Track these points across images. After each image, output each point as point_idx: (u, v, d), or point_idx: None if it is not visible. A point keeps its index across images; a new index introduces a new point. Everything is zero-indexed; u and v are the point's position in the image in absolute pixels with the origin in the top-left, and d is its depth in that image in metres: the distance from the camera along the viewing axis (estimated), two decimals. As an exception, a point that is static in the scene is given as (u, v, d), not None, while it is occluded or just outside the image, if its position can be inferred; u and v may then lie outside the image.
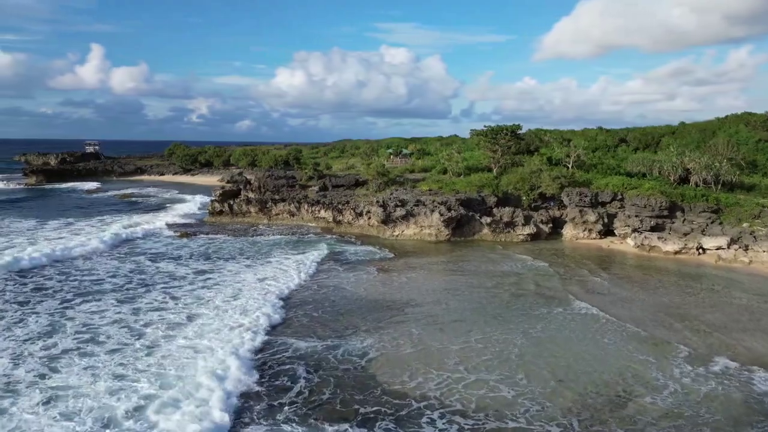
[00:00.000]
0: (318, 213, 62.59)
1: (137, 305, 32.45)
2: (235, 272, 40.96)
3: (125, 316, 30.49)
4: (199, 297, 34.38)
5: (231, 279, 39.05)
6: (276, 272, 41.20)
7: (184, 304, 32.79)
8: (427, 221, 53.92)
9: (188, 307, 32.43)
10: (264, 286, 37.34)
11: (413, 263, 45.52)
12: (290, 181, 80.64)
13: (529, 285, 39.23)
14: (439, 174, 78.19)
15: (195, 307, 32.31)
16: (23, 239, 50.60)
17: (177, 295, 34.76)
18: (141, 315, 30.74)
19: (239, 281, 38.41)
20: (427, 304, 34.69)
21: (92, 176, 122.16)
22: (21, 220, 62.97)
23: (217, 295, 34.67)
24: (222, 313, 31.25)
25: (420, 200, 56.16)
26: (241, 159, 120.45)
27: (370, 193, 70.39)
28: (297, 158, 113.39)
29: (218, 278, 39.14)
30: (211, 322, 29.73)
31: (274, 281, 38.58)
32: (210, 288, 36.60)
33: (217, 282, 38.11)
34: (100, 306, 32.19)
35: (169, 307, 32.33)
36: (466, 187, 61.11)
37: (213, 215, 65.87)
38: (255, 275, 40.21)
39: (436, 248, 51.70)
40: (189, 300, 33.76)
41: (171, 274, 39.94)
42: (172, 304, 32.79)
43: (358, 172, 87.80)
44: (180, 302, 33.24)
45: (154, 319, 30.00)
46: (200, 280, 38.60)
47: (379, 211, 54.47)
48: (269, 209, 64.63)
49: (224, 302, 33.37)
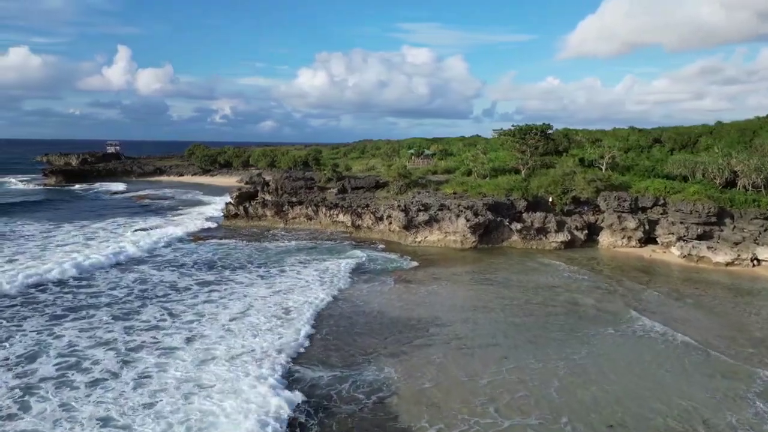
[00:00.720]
0: (336, 217, 59.03)
1: (132, 323, 29.13)
2: (245, 284, 37.50)
3: (117, 335, 27.20)
4: (200, 314, 30.90)
5: (240, 291, 35.61)
6: (288, 284, 37.69)
7: (182, 323, 29.34)
8: (452, 227, 49.95)
9: (188, 326, 29.00)
10: (275, 300, 33.81)
11: (437, 273, 41.63)
12: (308, 182, 77.29)
13: (567, 300, 35.09)
14: (463, 176, 74.13)
15: (197, 325, 28.89)
16: (33, 245, 47.90)
17: (177, 310, 31.36)
18: (134, 335, 27.39)
19: (248, 294, 34.93)
20: (453, 322, 30.80)
21: (112, 177, 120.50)
22: (33, 222, 60.56)
23: (222, 312, 31.17)
24: (226, 334, 27.76)
25: (444, 204, 52.22)
26: (260, 160, 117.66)
27: (391, 196, 66.64)
28: (316, 159, 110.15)
29: (225, 291, 35.72)
30: (213, 348, 26.24)
31: (285, 295, 35.04)
32: (215, 302, 33.15)
33: (224, 295, 34.66)
34: (91, 323, 28.94)
35: (166, 325, 28.95)
36: (493, 190, 56.98)
37: (228, 218, 62.75)
38: (265, 287, 36.75)
39: (462, 256, 47.71)
40: (190, 316, 30.36)
41: (174, 285, 36.63)
42: (169, 323, 29.40)
43: (378, 174, 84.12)
44: (178, 320, 29.82)
45: (147, 342, 26.59)
46: (205, 292, 35.19)
47: (400, 215, 50.67)
48: (285, 213, 61.27)
49: (230, 320, 29.89)
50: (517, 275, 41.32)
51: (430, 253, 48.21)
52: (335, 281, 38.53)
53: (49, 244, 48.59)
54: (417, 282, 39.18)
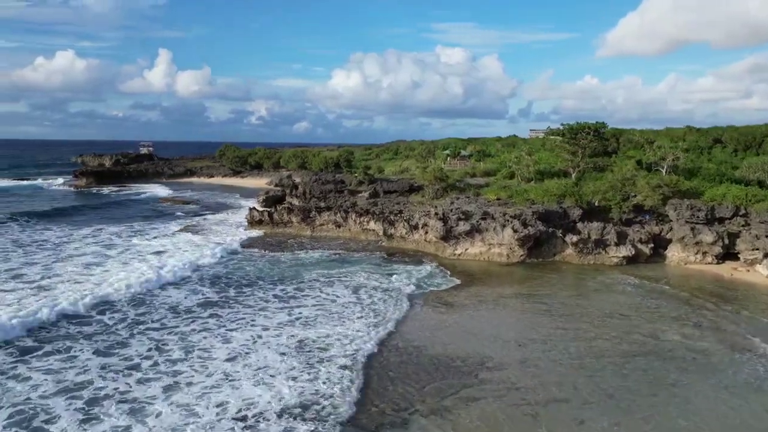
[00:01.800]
0: (366, 225, 53.09)
1: (111, 360, 23.70)
2: (258, 308, 31.81)
3: (91, 376, 21.79)
4: (188, 350, 25.21)
5: (249, 317, 29.95)
6: (306, 308, 31.90)
7: (171, 362, 23.76)
8: (496, 238, 43.43)
9: (178, 367, 23.41)
10: (286, 331, 28.03)
11: (483, 294, 35.25)
12: (338, 186, 71.72)
13: (646, 334, 28.29)
14: (505, 179, 67.43)
15: (187, 366, 23.27)
16: (38, 267, 43.35)
17: (167, 345, 25.76)
18: (109, 378, 21.90)
19: (257, 321, 29.23)
20: (507, 364, 24.46)
21: (143, 178, 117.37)
22: (52, 227, 56.40)
23: (219, 349, 25.43)
24: (221, 381, 22.04)
25: (487, 213, 45.72)
26: (291, 161, 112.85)
27: (427, 201, 60.41)
28: (348, 160, 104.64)
29: (231, 316, 30.09)
30: (196, 405, 20.53)
31: (296, 327, 29.23)
32: (213, 332, 27.48)
33: (225, 322, 29.01)
34: (61, 358, 23.62)
35: (147, 365, 23.41)
36: (541, 196, 50.20)
37: (251, 225, 57.48)
38: (276, 313, 31.03)
39: (509, 273, 41.16)
40: (180, 353, 24.75)
41: (175, 308, 31.14)
42: (151, 362, 23.86)
43: (412, 176, 77.95)
44: (165, 356, 24.26)
45: (120, 390, 21.02)
46: (203, 318, 29.56)
47: (438, 225, 44.40)
48: (312, 219, 55.65)
49: (229, 358, 24.19)
50: (577, 299, 34.61)
51: (472, 269, 41.80)
52: (361, 303, 32.54)
53: (51, 267, 40.07)
54: (459, 306, 32.89)
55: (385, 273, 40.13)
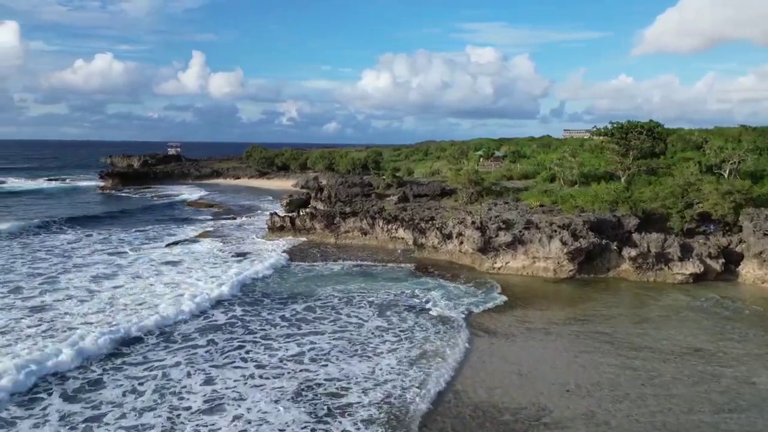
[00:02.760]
0: (395, 232, 48.23)
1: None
2: (260, 333, 27.25)
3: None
4: (161, 393, 20.71)
5: (246, 347, 25.39)
6: (322, 336, 27.21)
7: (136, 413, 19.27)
8: (542, 251, 38.08)
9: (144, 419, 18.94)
10: (289, 368, 23.36)
11: (530, 319, 30.02)
12: (365, 189, 66.95)
13: (737, 379, 22.71)
14: (545, 182, 61.71)
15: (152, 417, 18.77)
16: (36, 284, 39.68)
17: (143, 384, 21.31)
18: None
19: (255, 357, 24.64)
20: (570, 421, 19.33)
21: (168, 179, 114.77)
22: (66, 230, 53.10)
23: (197, 393, 20.81)
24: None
25: (531, 221, 40.36)
26: (318, 162, 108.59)
27: (461, 206, 55.22)
28: (376, 161, 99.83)
29: (224, 345, 25.58)
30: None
31: (304, 362, 24.55)
32: (196, 366, 22.96)
33: (213, 355, 24.48)
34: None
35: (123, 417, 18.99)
36: (591, 202, 44.53)
37: (273, 231, 53.21)
38: (282, 343, 26.39)
39: (556, 291, 35.79)
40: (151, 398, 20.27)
41: (162, 333, 26.70)
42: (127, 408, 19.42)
43: (444, 179, 72.72)
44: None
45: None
46: (187, 349, 25.12)
47: (475, 235, 39.24)
48: (337, 226, 51.05)
49: (205, 409, 19.58)
50: (642, 326, 29.08)
51: (515, 285, 36.51)
52: (386, 330, 27.68)
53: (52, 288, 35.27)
54: (504, 334, 27.74)
55: (416, 289, 35.24)
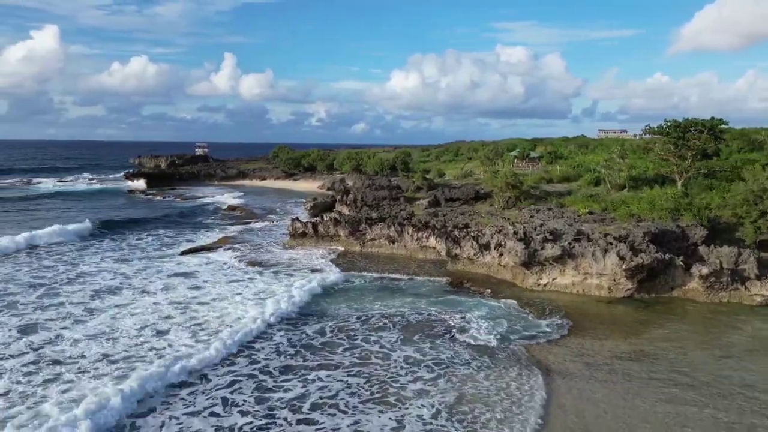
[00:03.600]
0: (426, 241, 43.64)
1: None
2: (251, 381, 23.03)
3: None
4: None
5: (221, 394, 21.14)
6: (338, 371, 22.80)
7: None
8: (595, 267, 33.02)
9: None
10: (283, 416, 19.01)
11: (589, 351, 25.13)
12: (394, 192, 62.60)
13: None
14: (589, 186, 56.43)
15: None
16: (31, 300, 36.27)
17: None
18: None
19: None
20: None
21: (194, 180, 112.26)
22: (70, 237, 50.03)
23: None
24: None
25: (581, 231, 35.31)
26: (345, 163, 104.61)
27: (497, 211, 50.37)
28: (405, 162, 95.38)
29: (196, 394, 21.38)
30: None
31: (305, 414, 20.14)
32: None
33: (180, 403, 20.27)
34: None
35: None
36: (647, 210, 39.24)
37: (294, 238, 49.16)
38: (283, 382, 22.06)
39: (613, 314, 30.70)
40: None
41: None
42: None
43: (477, 181, 67.87)
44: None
45: None
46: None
47: (518, 247, 34.38)
48: (362, 233, 46.70)
49: None
50: (727, 363, 23.91)
51: (565, 306, 31.54)
52: (420, 363, 23.15)
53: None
54: (561, 372, 22.90)
55: (451, 309, 30.67)
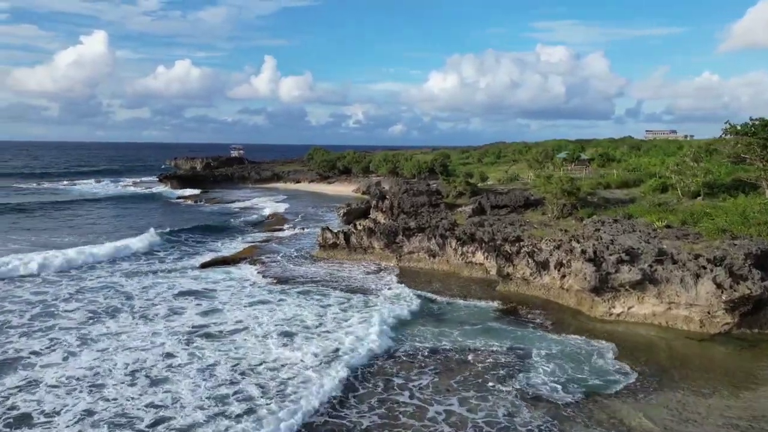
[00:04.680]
0: (471, 256, 37.95)
1: None
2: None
3: None
4: None
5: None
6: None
7: None
8: (684, 296, 26.77)
9: None
10: None
11: (692, 413, 19.08)
12: (433, 198, 56.92)
13: None
14: (654, 192, 49.65)
15: None
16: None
17: None
18: None
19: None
20: None
21: (228, 182, 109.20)
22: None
23: None
24: None
25: (663, 251, 29.03)
26: (381, 165, 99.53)
27: (552, 221, 44.28)
28: (444, 165, 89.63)
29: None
30: None
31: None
32: None
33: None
34: None
35: None
36: (740, 223, 32.59)
37: (324, 249, 44.20)
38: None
39: (712, 357, 24.41)
40: None
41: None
42: None
43: (525, 186, 61.65)
44: None
45: None
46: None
47: (587, 270, 28.39)
48: (399, 245, 41.38)
49: None
50: None
51: (648, 345, 25.41)
52: (468, 422, 17.64)
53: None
54: (660, 451, 17.04)
55: (503, 344, 25.06)
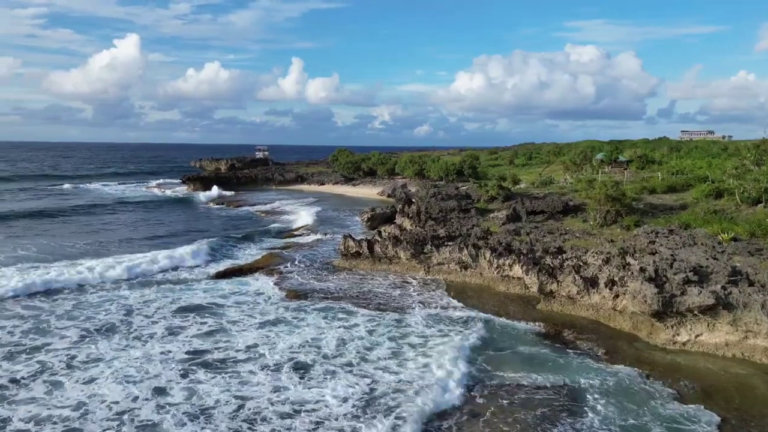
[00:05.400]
0: (508, 269, 34.17)
1: None
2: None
3: None
4: None
5: None
6: None
7: None
8: (765, 324, 22.71)
9: None
10: None
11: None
12: (463, 203, 53.28)
13: None
14: (707, 198, 45.23)
15: None
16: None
17: None
18: None
19: None
20: None
21: (251, 184, 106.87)
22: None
23: None
24: None
25: (736, 270, 24.96)
26: (407, 167, 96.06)
27: (595, 230, 40.39)
28: (473, 167, 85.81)
29: None
30: None
31: None
32: None
33: None
34: None
35: None
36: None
37: (346, 258, 40.97)
38: None
39: (804, 398, 20.38)
40: None
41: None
42: None
43: (562, 189, 57.62)
44: None
45: None
46: None
47: (648, 291, 24.49)
48: (428, 255, 37.90)
49: None
50: None
51: (719, 381, 21.50)
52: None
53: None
54: None
55: (547, 375, 21.38)
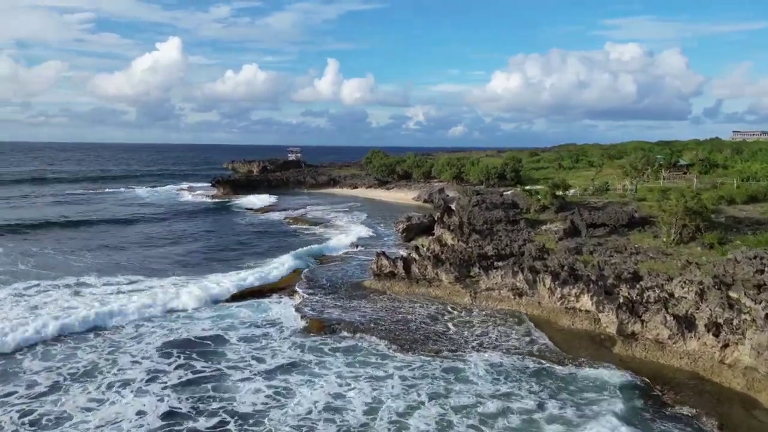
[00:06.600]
0: (574, 300, 28.03)
1: None
2: None
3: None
4: None
5: None
6: None
7: None
8: None
9: None
10: None
11: None
12: (510, 212, 47.10)
13: None
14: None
15: None
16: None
17: None
18: None
19: None
20: None
21: (283, 187, 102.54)
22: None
23: None
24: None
25: None
26: (444, 170, 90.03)
27: (670, 248, 33.91)
28: (516, 170, 79.21)
29: None
30: None
31: None
32: None
33: None
34: None
35: None
36: None
37: (379, 278, 35.43)
38: None
39: None
40: None
41: None
42: None
43: (623, 198, 50.80)
44: None
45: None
46: None
47: (765, 339, 18.20)
48: (475, 280, 32.06)
49: None
50: None
51: None
52: None
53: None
54: None
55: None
